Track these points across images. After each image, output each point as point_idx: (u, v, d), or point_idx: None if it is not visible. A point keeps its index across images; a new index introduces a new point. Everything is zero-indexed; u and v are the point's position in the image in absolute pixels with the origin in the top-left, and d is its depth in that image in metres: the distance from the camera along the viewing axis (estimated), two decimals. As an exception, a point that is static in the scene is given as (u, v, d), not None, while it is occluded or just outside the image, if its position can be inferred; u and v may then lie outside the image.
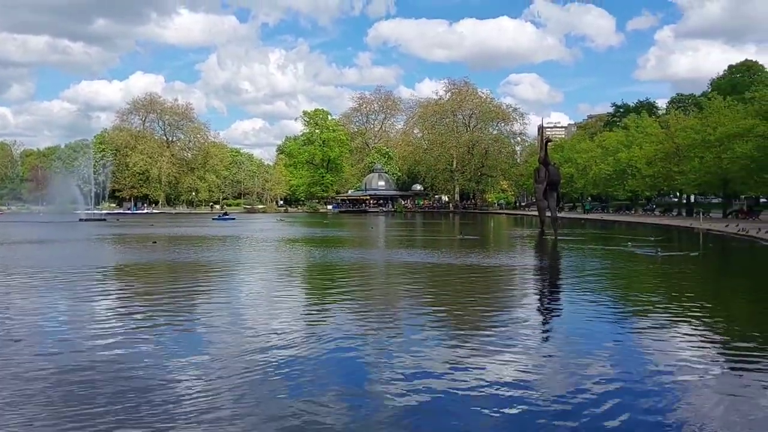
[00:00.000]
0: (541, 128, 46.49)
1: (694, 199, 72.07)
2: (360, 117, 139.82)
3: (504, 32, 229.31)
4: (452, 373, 7.45)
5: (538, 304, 13.40)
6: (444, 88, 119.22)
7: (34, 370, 7.55)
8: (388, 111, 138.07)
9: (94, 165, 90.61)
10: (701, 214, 50.48)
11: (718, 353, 8.65)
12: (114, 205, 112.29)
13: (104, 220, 66.32)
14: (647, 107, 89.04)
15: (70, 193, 75.83)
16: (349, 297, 13.70)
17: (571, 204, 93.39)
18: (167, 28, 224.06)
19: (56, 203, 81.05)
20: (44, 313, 11.47)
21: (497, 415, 6.12)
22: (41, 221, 61.03)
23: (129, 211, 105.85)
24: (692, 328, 10.15)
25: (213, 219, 70.62)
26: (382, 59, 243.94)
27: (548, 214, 36.39)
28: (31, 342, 9.12)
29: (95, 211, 74.42)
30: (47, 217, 70.34)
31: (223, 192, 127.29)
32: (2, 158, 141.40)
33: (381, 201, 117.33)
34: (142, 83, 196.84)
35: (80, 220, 62.70)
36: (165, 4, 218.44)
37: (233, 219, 69.91)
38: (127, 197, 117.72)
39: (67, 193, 76.53)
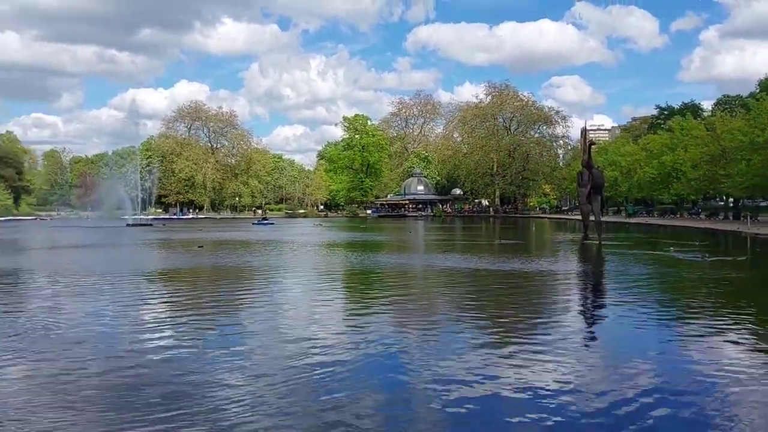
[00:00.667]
0: (584, 131, 45.74)
1: (742, 202, 69.95)
2: (399, 121, 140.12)
3: (545, 35, 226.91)
4: (494, 381, 7.38)
5: (582, 311, 13.18)
6: (484, 92, 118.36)
7: (83, 372, 7.77)
8: (428, 115, 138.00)
9: (141, 171, 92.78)
10: (749, 217, 48.92)
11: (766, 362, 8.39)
12: (160, 210, 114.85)
13: (151, 225, 67.82)
14: (692, 109, 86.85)
15: (118, 198, 77.88)
16: (388, 302, 13.71)
17: (615, 208, 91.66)
18: (211, 38, 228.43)
19: (104, 209, 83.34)
20: (93, 317, 11.76)
21: (541, 423, 6.05)
22: (89, 226, 62.80)
23: (174, 216, 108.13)
24: (741, 336, 9.85)
25: (253, 224, 71.72)
26: (422, 63, 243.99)
27: (592, 218, 35.80)
28: (84, 345, 9.37)
29: (142, 217, 76.17)
30: (95, 222, 72.42)
31: (265, 197, 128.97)
32: (52, 165, 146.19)
33: (420, 205, 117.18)
34: (187, 91, 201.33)
35: (127, 225, 64.27)
36: (209, 13, 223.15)
37: (272, 224, 70.92)
38: (173, 203, 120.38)
39: (114, 198, 78.62)
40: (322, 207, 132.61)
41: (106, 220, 72.61)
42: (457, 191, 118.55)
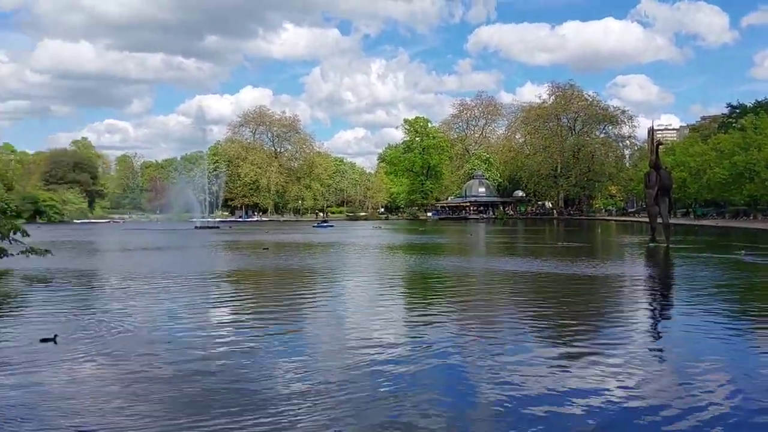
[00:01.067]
0: (651, 131, 44.47)
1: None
2: (460, 123, 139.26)
3: (609, 33, 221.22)
4: (561, 389, 7.35)
5: (649, 317, 12.87)
6: (547, 92, 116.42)
7: (153, 371, 8.15)
8: (489, 116, 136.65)
9: (208, 175, 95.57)
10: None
11: None
12: (226, 213, 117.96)
13: (218, 227, 69.70)
14: (766, 107, 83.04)
15: (186, 202, 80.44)
16: (449, 306, 13.76)
17: (684, 210, 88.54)
18: (273, 43, 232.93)
19: (173, 212, 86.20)
20: (167, 317, 12.26)
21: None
22: (160, 229, 65.06)
23: (240, 219, 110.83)
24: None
25: (313, 226, 72.90)
26: (483, 65, 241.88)
27: (660, 220, 34.80)
28: (157, 344, 9.81)
29: (209, 219, 78.43)
30: (165, 225, 74.95)
31: (326, 200, 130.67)
32: (124, 170, 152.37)
33: (481, 208, 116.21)
34: (251, 96, 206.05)
35: (195, 227, 66.26)
36: (271, 20, 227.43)
37: (332, 226, 71.90)
38: (239, 206, 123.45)
39: (183, 202, 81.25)
40: (382, 210, 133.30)
41: (175, 222, 75.11)
42: (520, 193, 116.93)
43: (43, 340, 9.70)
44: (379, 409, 6.58)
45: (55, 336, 9.82)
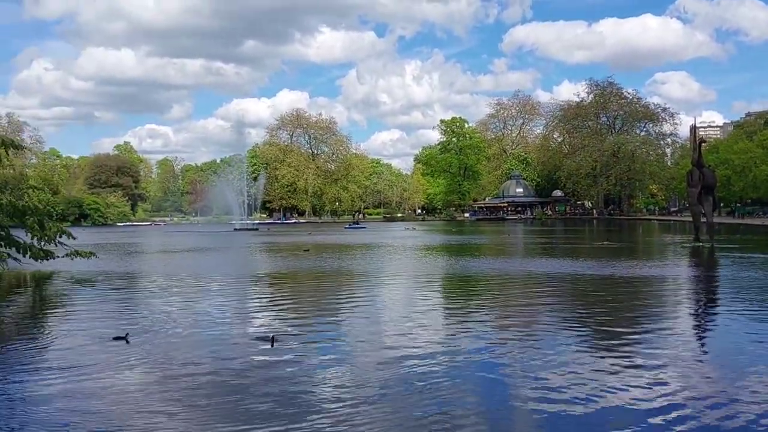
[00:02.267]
0: (693, 128, 43.48)
1: None
2: (497, 123, 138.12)
3: (648, 30, 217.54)
4: (599, 394, 7.27)
5: (692, 320, 12.60)
6: (586, 90, 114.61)
7: (196, 372, 8.32)
8: (527, 116, 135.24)
9: (247, 178, 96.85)
10: None
11: None
12: (265, 215, 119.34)
13: (256, 229, 70.56)
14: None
15: (226, 204, 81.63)
16: (486, 309, 13.70)
17: (729, 209, 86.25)
18: (310, 47, 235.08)
19: (213, 214, 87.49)
20: (209, 318, 12.48)
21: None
22: (200, 231, 66.19)
23: (278, 221, 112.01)
24: None
25: (345, 228, 73.46)
26: (518, 64, 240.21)
27: (703, 219, 34.05)
28: (200, 347, 10.00)
29: (248, 221, 79.46)
30: (205, 227, 76.24)
31: (364, 201, 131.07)
32: (165, 173, 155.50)
33: (519, 208, 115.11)
34: (288, 100, 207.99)
35: (235, 229, 67.18)
36: (308, 24, 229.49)
37: (364, 228, 72.31)
38: (277, 208, 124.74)
39: (223, 204, 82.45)
40: (419, 210, 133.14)
41: (214, 224, 76.30)
42: (558, 193, 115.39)
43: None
44: (412, 412, 6.59)
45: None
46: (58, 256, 21.45)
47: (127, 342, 9.84)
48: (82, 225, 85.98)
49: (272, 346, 9.51)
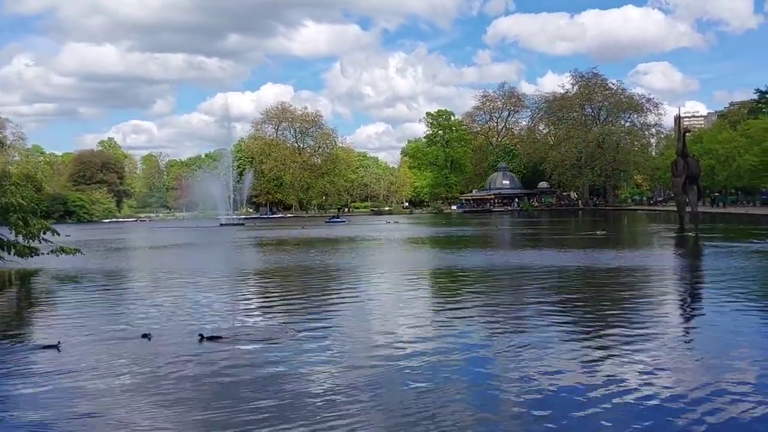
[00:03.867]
0: (678, 118, 43.89)
1: None
2: (483, 115, 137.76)
3: (629, 21, 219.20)
4: (588, 384, 7.32)
5: (677, 309, 12.74)
6: (570, 81, 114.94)
7: (182, 370, 8.28)
8: (512, 108, 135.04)
9: (232, 172, 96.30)
10: None
11: None
12: (251, 210, 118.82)
13: (242, 224, 70.29)
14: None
15: (212, 199, 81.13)
16: (475, 305, 13.75)
17: (710, 198, 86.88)
18: (294, 40, 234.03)
19: (199, 209, 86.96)
20: (190, 315, 12.42)
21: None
22: (186, 227, 65.76)
23: (264, 216, 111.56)
24: None
25: (326, 222, 73.58)
26: (502, 56, 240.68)
27: (688, 209, 34.37)
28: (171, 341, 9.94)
29: (234, 216, 79.07)
30: (191, 222, 75.74)
31: (351, 195, 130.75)
32: (150, 169, 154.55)
33: (506, 200, 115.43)
34: (272, 93, 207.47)
35: (221, 225, 66.86)
36: (291, 17, 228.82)
37: (344, 222, 72.37)
38: (263, 202, 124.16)
39: (208, 199, 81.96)
40: (407, 204, 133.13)
41: (200, 220, 75.84)
42: (544, 184, 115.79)
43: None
44: (407, 406, 6.61)
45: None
46: (43, 253, 21.26)
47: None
48: (67, 222, 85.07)
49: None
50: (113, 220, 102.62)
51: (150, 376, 7.86)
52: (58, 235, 21.98)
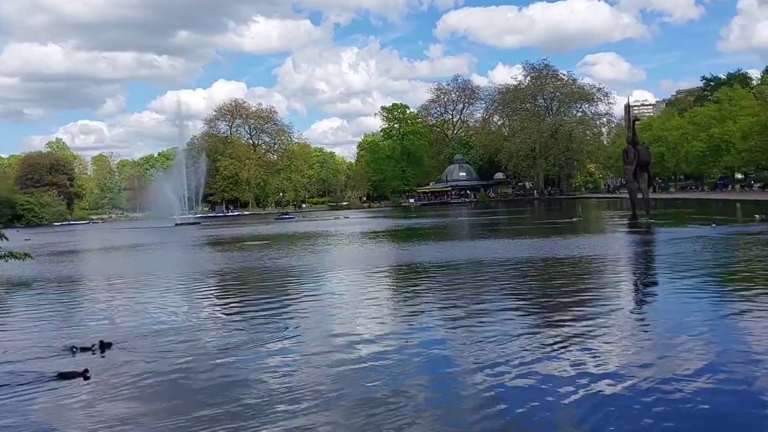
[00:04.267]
0: (627, 107, 44.88)
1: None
2: (438, 108, 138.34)
3: (576, 13, 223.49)
4: (547, 371, 7.39)
5: (631, 294, 13.01)
6: (522, 73, 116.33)
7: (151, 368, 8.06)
8: (467, 100, 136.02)
9: (186, 171, 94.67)
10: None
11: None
12: (207, 208, 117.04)
13: (198, 223, 69.31)
14: (740, 79, 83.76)
15: (166, 199, 79.67)
16: (434, 296, 13.78)
17: (653, 186, 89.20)
18: (245, 36, 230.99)
19: (153, 209, 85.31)
20: (150, 315, 12.13)
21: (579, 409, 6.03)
22: (141, 227, 64.53)
23: (221, 214, 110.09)
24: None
25: (275, 218, 73.57)
26: (453, 49, 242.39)
27: (640, 195, 35.15)
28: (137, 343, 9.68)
29: (189, 216, 77.85)
30: (145, 222, 74.38)
31: (308, 191, 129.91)
32: (101, 170, 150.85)
33: (463, 192, 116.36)
34: (225, 90, 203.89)
35: (176, 224, 65.76)
36: (241, 13, 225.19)
37: (293, 218, 72.46)
38: (219, 200, 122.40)
39: (162, 199, 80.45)
40: (364, 198, 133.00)
41: (155, 220, 74.51)
42: (500, 175, 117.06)
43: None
44: (371, 401, 6.56)
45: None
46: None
47: None
48: (16, 226, 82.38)
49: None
50: (65, 223, 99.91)
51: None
52: (7, 240, 21.21)
